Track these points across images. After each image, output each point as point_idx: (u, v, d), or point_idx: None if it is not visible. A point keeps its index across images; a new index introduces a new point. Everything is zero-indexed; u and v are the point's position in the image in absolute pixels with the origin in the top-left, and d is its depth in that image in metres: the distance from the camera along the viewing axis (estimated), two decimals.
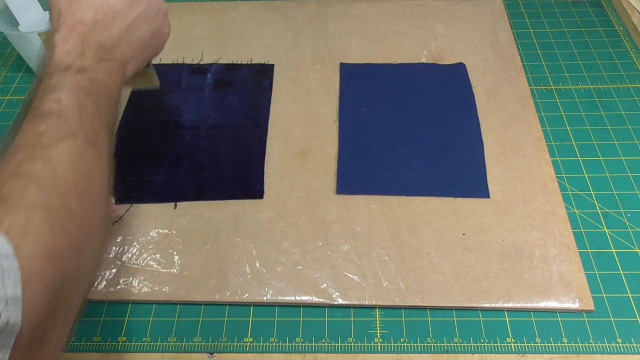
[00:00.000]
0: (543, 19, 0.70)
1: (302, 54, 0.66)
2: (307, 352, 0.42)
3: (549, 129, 0.57)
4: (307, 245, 0.48)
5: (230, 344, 0.43)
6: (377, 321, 0.44)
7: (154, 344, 0.43)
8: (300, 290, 0.45)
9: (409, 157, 0.54)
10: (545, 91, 0.61)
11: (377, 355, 0.42)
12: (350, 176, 0.53)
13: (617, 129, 0.56)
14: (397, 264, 0.46)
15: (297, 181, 0.53)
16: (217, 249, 0.48)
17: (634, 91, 0.60)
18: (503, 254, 0.46)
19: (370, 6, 0.71)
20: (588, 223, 0.49)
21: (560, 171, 0.53)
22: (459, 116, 0.57)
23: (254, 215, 0.50)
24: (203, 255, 0.47)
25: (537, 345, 0.42)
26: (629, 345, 0.42)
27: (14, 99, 0.64)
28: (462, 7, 0.71)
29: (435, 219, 0.49)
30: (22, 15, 0.64)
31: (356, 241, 0.48)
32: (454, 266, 0.46)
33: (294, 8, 0.72)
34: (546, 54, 0.65)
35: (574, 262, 0.46)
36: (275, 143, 0.56)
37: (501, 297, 0.44)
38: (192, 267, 0.47)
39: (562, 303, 0.44)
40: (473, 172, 0.52)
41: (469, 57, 0.64)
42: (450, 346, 0.42)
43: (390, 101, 0.59)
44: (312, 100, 0.60)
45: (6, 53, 0.71)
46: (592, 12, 0.71)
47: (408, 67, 0.63)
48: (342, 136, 0.56)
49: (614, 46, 0.66)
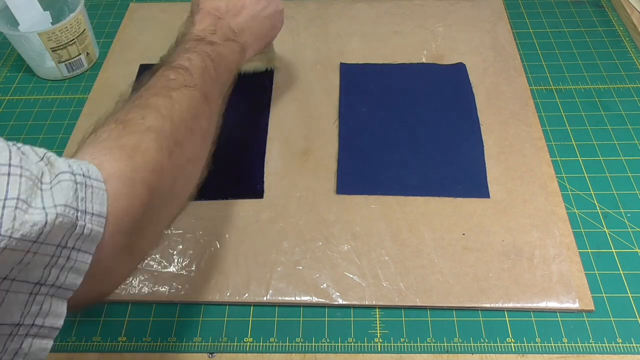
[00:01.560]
0: (543, 19, 0.70)
1: (302, 54, 0.66)
2: (307, 352, 0.42)
3: (549, 129, 0.57)
4: (307, 245, 0.48)
5: (230, 344, 0.43)
6: (377, 321, 0.44)
7: (154, 344, 0.43)
8: (300, 290, 0.45)
9: (409, 157, 0.54)
10: (545, 91, 0.61)
11: (377, 355, 0.42)
12: (350, 176, 0.53)
13: (617, 129, 0.56)
14: (397, 264, 0.46)
15: (297, 181, 0.53)
16: (217, 249, 0.48)
17: (634, 91, 0.60)
18: (503, 254, 0.46)
19: (370, 6, 0.71)
20: (588, 223, 0.49)
21: (560, 171, 0.53)
22: (459, 116, 0.57)
23: (254, 215, 0.50)
24: (203, 255, 0.47)
25: (537, 345, 0.42)
26: (629, 345, 0.42)
27: (14, 99, 0.64)
28: (462, 7, 0.71)
29: (435, 219, 0.49)
30: (22, 15, 0.64)
31: (356, 241, 0.48)
32: (454, 266, 0.46)
33: (294, 8, 0.72)
34: (546, 54, 0.65)
35: (574, 262, 0.46)
36: (275, 143, 0.56)
37: (501, 297, 0.44)
38: (192, 267, 0.47)
39: (562, 303, 0.43)
40: (473, 172, 0.52)
41: (469, 57, 0.64)
42: (450, 346, 0.42)
43: (390, 101, 0.59)
44: (312, 100, 0.60)
45: (6, 53, 0.71)
46: (592, 12, 0.71)
47: (408, 67, 0.63)
48: (342, 136, 0.56)
49: (614, 46, 0.66)
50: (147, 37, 0.70)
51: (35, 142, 0.59)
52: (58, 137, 0.59)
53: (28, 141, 0.62)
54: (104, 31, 0.72)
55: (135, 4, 0.75)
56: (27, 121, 0.61)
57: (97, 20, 0.74)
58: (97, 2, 0.77)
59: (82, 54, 0.65)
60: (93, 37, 0.67)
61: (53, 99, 0.64)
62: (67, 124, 0.60)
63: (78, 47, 0.64)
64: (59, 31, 0.61)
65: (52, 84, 0.66)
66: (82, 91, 0.65)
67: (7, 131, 0.60)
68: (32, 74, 0.67)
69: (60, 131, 0.60)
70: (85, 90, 0.64)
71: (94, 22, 0.73)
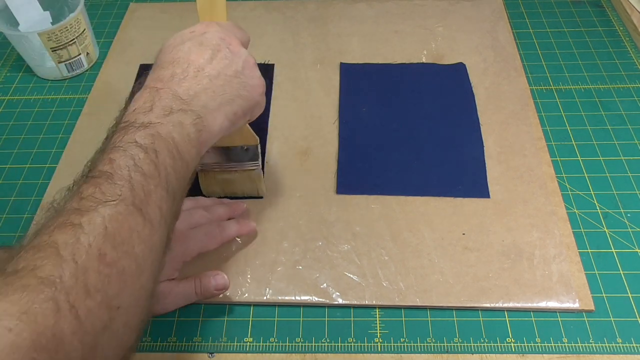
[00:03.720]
0: (543, 19, 0.70)
1: (302, 54, 0.66)
2: (307, 352, 0.42)
3: (549, 129, 0.57)
4: (307, 245, 0.48)
5: (230, 344, 0.43)
6: (377, 321, 0.44)
7: (154, 344, 0.43)
8: (300, 290, 0.45)
9: (409, 157, 0.54)
10: (545, 91, 0.61)
11: (377, 355, 0.42)
12: (350, 176, 0.53)
13: (617, 129, 0.56)
14: (397, 264, 0.46)
15: (297, 181, 0.53)
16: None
17: (634, 91, 0.60)
18: (503, 254, 0.46)
19: (370, 6, 0.71)
20: (588, 223, 0.49)
21: (560, 171, 0.53)
22: (459, 116, 0.57)
23: (254, 215, 0.50)
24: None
25: (537, 345, 0.42)
26: (629, 345, 0.42)
27: (14, 99, 0.64)
28: (462, 7, 0.71)
29: (435, 219, 0.49)
30: (22, 15, 0.64)
31: (356, 241, 0.48)
32: (454, 266, 0.46)
33: (294, 8, 0.72)
34: (546, 54, 0.65)
35: (574, 262, 0.46)
36: (275, 143, 0.56)
37: (501, 297, 0.44)
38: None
39: (562, 303, 0.43)
40: (473, 172, 0.52)
41: (469, 57, 0.64)
42: (450, 346, 0.42)
43: (390, 101, 0.59)
44: (312, 100, 0.60)
45: (6, 53, 0.71)
46: (592, 12, 0.71)
47: (408, 67, 0.63)
48: (342, 136, 0.56)
49: (614, 46, 0.66)
50: (147, 37, 0.70)
51: (35, 142, 0.59)
52: (58, 137, 0.59)
53: (28, 141, 0.62)
54: (104, 31, 0.72)
55: (135, 4, 0.75)
56: (27, 121, 0.61)
57: (97, 20, 0.74)
58: (97, 2, 0.77)
59: (82, 54, 0.65)
60: (93, 37, 0.67)
61: (53, 99, 0.64)
62: (67, 124, 0.60)
63: (78, 47, 0.64)
64: (59, 31, 0.61)
65: (52, 84, 0.66)
66: (82, 91, 0.65)
67: (7, 131, 0.60)
68: (32, 74, 0.67)
69: (60, 131, 0.60)
70: (85, 90, 0.64)
71: (94, 22, 0.73)
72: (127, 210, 0.28)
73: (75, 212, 0.27)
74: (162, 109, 0.33)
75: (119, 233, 0.27)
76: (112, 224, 0.27)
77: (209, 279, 0.43)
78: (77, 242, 0.26)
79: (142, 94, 0.34)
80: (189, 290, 0.43)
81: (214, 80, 0.36)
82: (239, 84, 0.38)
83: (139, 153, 0.30)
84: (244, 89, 0.38)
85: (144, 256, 0.29)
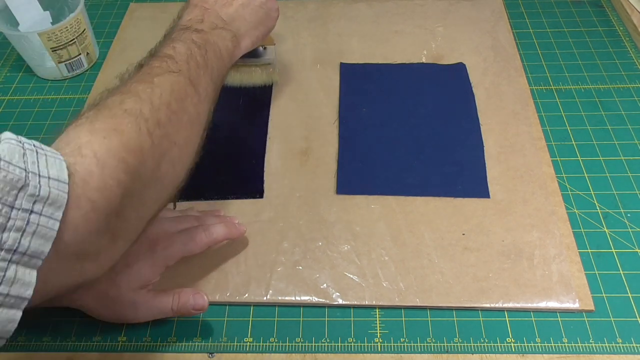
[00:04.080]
0: (543, 19, 0.70)
1: (302, 54, 0.66)
2: (307, 352, 0.42)
3: (549, 129, 0.57)
4: (307, 245, 0.48)
5: (230, 344, 0.43)
6: (377, 321, 0.44)
7: (154, 344, 0.43)
8: (300, 290, 0.45)
9: (409, 157, 0.54)
10: (545, 91, 0.61)
11: (377, 355, 0.42)
12: (350, 176, 0.53)
13: (617, 129, 0.56)
14: (397, 264, 0.46)
15: (297, 181, 0.53)
16: (217, 249, 0.48)
17: (634, 91, 0.60)
18: (503, 254, 0.46)
19: (370, 6, 0.71)
20: (588, 223, 0.49)
21: (560, 171, 0.53)
22: (459, 116, 0.57)
23: (254, 215, 0.50)
24: (203, 255, 0.47)
25: (537, 345, 0.42)
26: (629, 345, 0.42)
27: (14, 99, 0.64)
28: (462, 7, 0.71)
29: (435, 219, 0.49)
30: (22, 15, 0.64)
31: (356, 241, 0.48)
32: (454, 266, 0.46)
33: (293, 8, 0.72)
34: (546, 54, 0.65)
35: (574, 262, 0.46)
36: (275, 143, 0.56)
37: (501, 297, 0.44)
38: (192, 267, 0.47)
39: (562, 303, 0.43)
40: (473, 172, 0.52)
41: (469, 57, 0.64)
42: (450, 346, 0.42)
43: (390, 101, 0.59)
44: (312, 100, 0.60)
45: (6, 53, 0.71)
46: (592, 12, 0.71)
47: (408, 67, 0.63)
48: (342, 136, 0.56)
49: (614, 46, 0.66)
50: (147, 37, 0.69)
51: None
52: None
53: None
54: (104, 31, 0.72)
55: (135, 4, 0.75)
56: (27, 121, 0.61)
57: (97, 20, 0.74)
58: (97, 2, 0.77)
59: (82, 54, 0.65)
60: (93, 37, 0.67)
61: (53, 99, 0.64)
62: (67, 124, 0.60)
63: (78, 47, 0.64)
64: (59, 31, 0.61)
65: (52, 84, 0.66)
66: (82, 91, 0.65)
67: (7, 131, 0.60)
68: (32, 74, 0.67)
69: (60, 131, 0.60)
70: (85, 90, 0.64)
71: (94, 22, 0.73)
72: (185, 81, 0.38)
73: (148, 74, 0.37)
74: (210, 24, 0.45)
75: (179, 93, 0.37)
76: (175, 86, 0.37)
77: (188, 297, 0.42)
78: (152, 92, 0.35)
79: (194, 10, 0.45)
80: (166, 305, 0.42)
81: (245, 9, 0.48)
82: (264, 13, 0.50)
83: (194, 48, 0.41)
84: (266, 18, 0.50)
85: (194, 115, 0.39)
